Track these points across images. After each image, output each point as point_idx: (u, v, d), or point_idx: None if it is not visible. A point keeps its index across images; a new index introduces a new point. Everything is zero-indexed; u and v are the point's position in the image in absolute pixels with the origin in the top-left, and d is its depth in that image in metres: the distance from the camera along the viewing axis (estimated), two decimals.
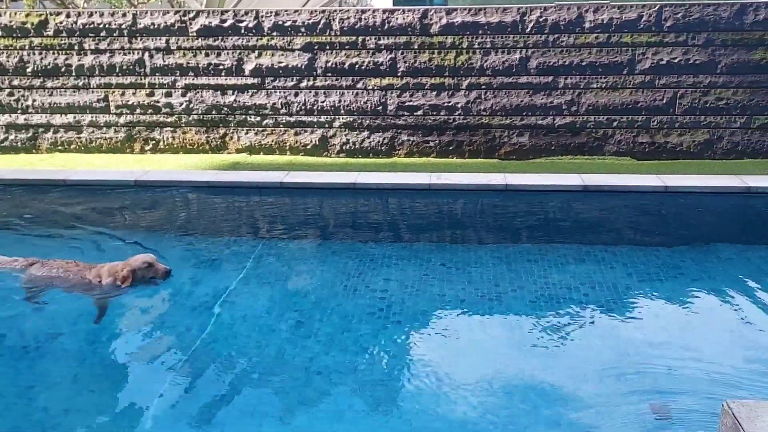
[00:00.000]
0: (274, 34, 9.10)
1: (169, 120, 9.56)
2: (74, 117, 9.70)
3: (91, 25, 9.32)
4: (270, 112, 9.34)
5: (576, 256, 5.96)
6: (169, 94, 9.47)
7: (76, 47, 9.44)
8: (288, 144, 9.41)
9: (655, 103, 8.80)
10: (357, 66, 9.06)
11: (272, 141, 9.43)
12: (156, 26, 9.23)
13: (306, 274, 5.78)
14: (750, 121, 8.73)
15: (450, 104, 9.05)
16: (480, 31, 8.80)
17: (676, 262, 5.81)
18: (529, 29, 8.73)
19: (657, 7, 8.53)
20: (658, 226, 7.13)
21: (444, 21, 8.83)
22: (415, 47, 8.94)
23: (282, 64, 9.17)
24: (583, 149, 9.03)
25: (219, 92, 9.37)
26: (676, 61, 8.63)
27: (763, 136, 8.75)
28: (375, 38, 8.95)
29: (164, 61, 9.34)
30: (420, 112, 9.13)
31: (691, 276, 5.51)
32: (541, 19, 8.68)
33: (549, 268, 5.70)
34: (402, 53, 8.97)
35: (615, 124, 8.92)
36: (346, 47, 9.03)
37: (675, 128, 8.86)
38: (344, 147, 9.34)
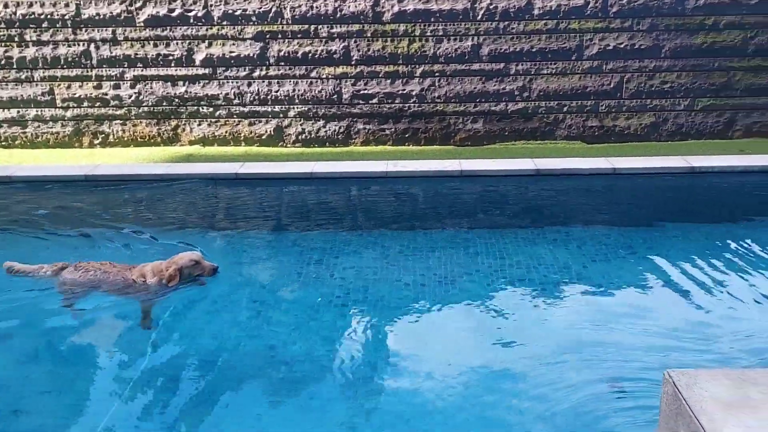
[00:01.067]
0: (225, 23, 8.96)
1: (118, 113, 9.34)
2: (18, 111, 9.39)
3: (32, 16, 9.00)
4: (223, 103, 9.22)
5: (531, 239, 6.10)
6: (117, 86, 9.24)
7: (16, 39, 9.10)
8: (242, 135, 9.31)
9: (603, 88, 9.03)
10: (310, 54, 9.01)
11: (226, 132, 9.32)
12: (101, 16, 8.98)
13: (265, 264, 5.77)
14: (693, 104, 9.04)
15: (405, 92, 9.10)
16: (432, 19, 8.85)
17: (626, 241, 6.01)
18: (480, 16, 8.82)
19: None
20: (608, 207, 7.35)
21: (396, 9, 8.85)
22: (368, 35, 8.94)
23: (233, 54, 9.04)
24: (536, 134, 9.21)
25: (169, 83, 9.19)
26: (622, 46, 8.86)
27: (705, 118, 9.08)
28: (327, 26, 8.91)
29: (111, 53, 9.10)
30: (375, 101, 9.15)
31: (641, 254, 5.70)
32: (491, 6, 8.78)
33: (505, 250, 5.82)
34: (355, 41, 8.96)
35: (565, 109, 9.11)
36: (299, 36, 8.96)
37: (622, 112, 9.11)
38: (300, 136, 9.29)
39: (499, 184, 7.63)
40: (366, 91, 9.11)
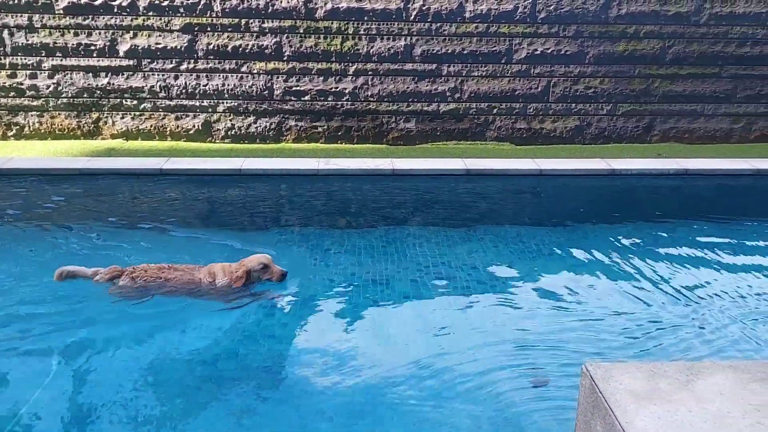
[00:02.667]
0: (151, 13, 8.64)
1: (35, 104, 8.84)
2: None
3: None
4: (148, 96, 8.89)
5: (460, 237, 6.17)
6: (34, 76, 8.75)
7: None
8: (168, 129, 9.01)
9: (531, 91, 9.27)
10: (241, 49, 8.82)
11: (151, 126, 8.99)
12: (16, 1, 8.47)
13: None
14: (615, 109, 9.42)
15: (338, 90, 9.05)
16: (365, 18, 8.84)
17: (551, 240, 6.18)
18: (413, 17, 8.88)
19: (531, 0, 8.97)
20: (535, 206, 7.54)
21: (329, 6, 8.78)
22: (301, 32, 8.83)
23: (160, 46, 8.73)
24: (467, 135, 9.36)
25: (91, 74, 8.78)
26: (549, 51, 9.12)
27: (626, 122, 9.48)
28: (259, 21, 8.74)
29: (27, 40, 8.61)
30: (307, 98, 9.06)
31: (565, 252, 5.87)
32: (424, 8, 8.85)
33: (435, 249, 5.86)
34: (287, 37, 8.84)
35: (495, 111, 9.30)
36: (229, 29, 8.75)
37: (549, 115, 9.38)
38: (229, 132, 9.08)
39: (430, 184, 7.69)
40: (298, 88, 9.00)
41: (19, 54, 8.66)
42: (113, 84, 8.81)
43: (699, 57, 9.21)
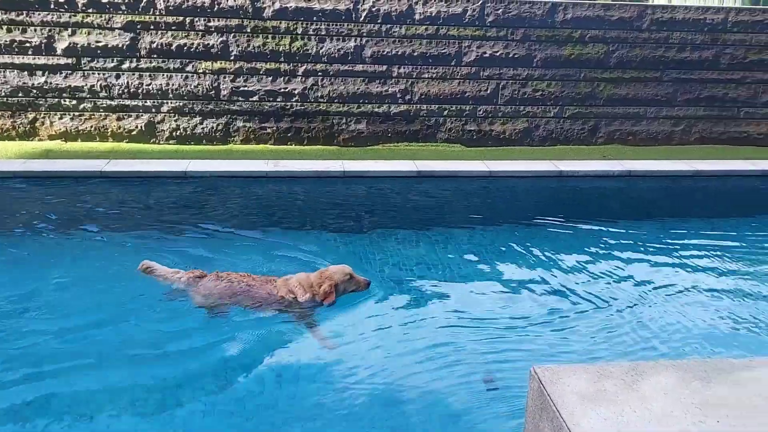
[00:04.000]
0: (90, 10, 8.31)
1: None
2: None
3: None
4: (88, 95, 8.55)
5: (411, 239, 6.14)
6: None
7: None
8: (110, 130, 8.69)
9: (481, 94, 9.34)
10: (186, 48, 8.58)
11: (91, 126, 8.65)
12: None
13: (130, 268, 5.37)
14: (562, 111, 9.59)
15: (287, 90, 8.91)
16: (314, 18, 8.74)
17: (501, 240, 6.21)
18: (362, 18, 8.82)
19: (480, 3, 9.04)
20: (485, 207, 7.59)
21: (277, 6, 8.64)
22: (248, 31, 8.66)
23: (101, 44, 8.42)
24: (418, 136, 9.36)
25: (26, 72, 8.39)
26: (498, 54, 9.21)
27: (573, 125, 9.66)
28: (204, 20, 8.53)
29: None
30: (256, 98, 8.89)
31: (514, 253, 5.91)
32: (373, 9, 8.81)
33: (386, 250, 5.82)
34: (234, 36, 8.65)
35: (446, 112, 9.34)
36: (173, 28, 8.50)
37: (498, 117, 9.48)
38: (174, 133, 8.82)
39: (381, 185, 7.65)
40: (246, 88, 8.82)
41: None
42: (51, 83, 8.44)
43: (641, 61, 9.46)
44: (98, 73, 8.50)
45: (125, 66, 8.52)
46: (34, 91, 8.45)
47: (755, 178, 8.29)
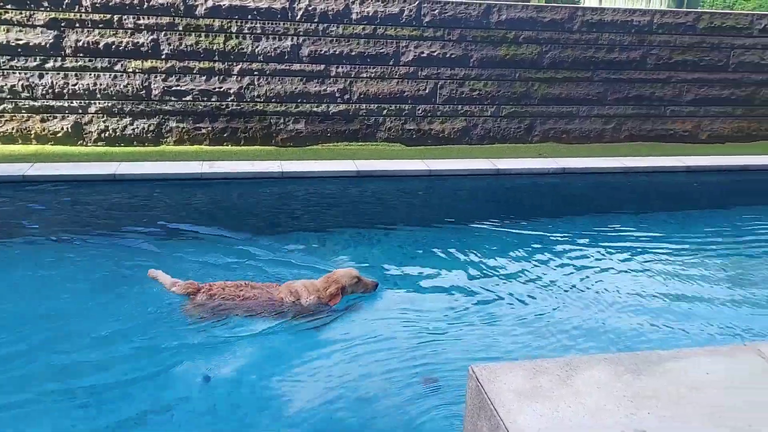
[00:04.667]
0: (9, 6, 7.88)
1: None
2: None
3: None
4: (8, 96, 8.10)
5: (350, 239, 6.09)
6: None
7: None
8: (33, 132, 8.26)
9: (419, 93, 9.39)
10: (114, 46, 8.25)
11: (12, 129, 8.19)
12: None
13: (54, 277, 5.10)
14: (498, 110, 9.74)
15: (222, 90, 8.70)
16: (249, 16, 8.56)
17: (440, 239, 6.24)
18: (299, 17, 8.71)
19: (417, 3, 9.07)
20: (424, 206, 7.62)
21: (210, 3, 8.42)
22: (180, 29, 8.41)
23: (21, 42, 7.99)
24: (357, 136, 9.32)
25: None
26: (435, 54, 9.27)
27: (509, 124, 9.83)
28: (133, 17, 8.22)
29: None
30: (189, 98, 8.64)
31: (452, 252, 5.94)
32: (310, 8, 8.71)
33: (326, 251, 5.75)
34: (165, 35, 8.38)
35: (385, 112, 9.33)
36: (100, 26, 8.16)
37: (437, 116, 9.54)
38: (103, 135, 8.47)
39: (321, 186, 7.56)
40: (179, 88, 8.56)
41: None
42: None
43: (573, 62, 9.72)
44: (19, 73, 8.06)
45: (49, 65, 8.11)
46: None
47: (681, 173, 8.65)
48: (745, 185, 8.73)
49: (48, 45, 8.06)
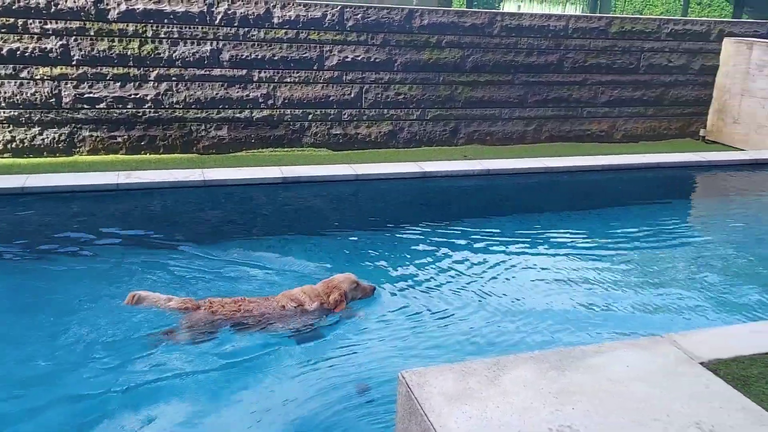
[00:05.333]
0: None
1: None
2: None
3: None
4: None
5: (277, 247, 5.96)
6: None
7: None
8: None
9: (345, 97, 9.34)
10: (19, 52, 7.77)
11: None
12: None
13: None
14: (424, 114, 9.83)
15: (138, 96, 8.35)
16: (165, 20, 8.27)
17: (369, 244, 6.21)
18: (218, 21, 8.48)
19: (339, 8, 9.03)
20: (352, 211, 7.57)
21: (123, 7, 8.07)
22: (92, 34, 8.02)
23: None
24: (282, 141, 9.17)
25: None
26: (359, 58, 9.26)
27: (435, 127, 9.94)
28: (40, 22, 7.77)
29: None
30: (103, 105, 8.25)
31: (380, 256, 5.92)
32: (229, 12, 8.50)
33: (253, 261, 5.60)
34: (76, 40, 7.96)
35: (310, 117, 9.23)
36: (3, 30, 7.67)
37: (363, 120, 9.53)
38: (9, 146, 7.95)
39: (246, 193, 7.38)
40: (92, 95, 8.16)
41: None
42: None
43: (494, 65, 9.94)
44: None
45: None
46: None
47: (597, 172, 8.99)
48: (657, 182, 9.18)
49: None
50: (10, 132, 7.93)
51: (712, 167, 9.53)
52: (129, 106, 8.34)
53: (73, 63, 8.00)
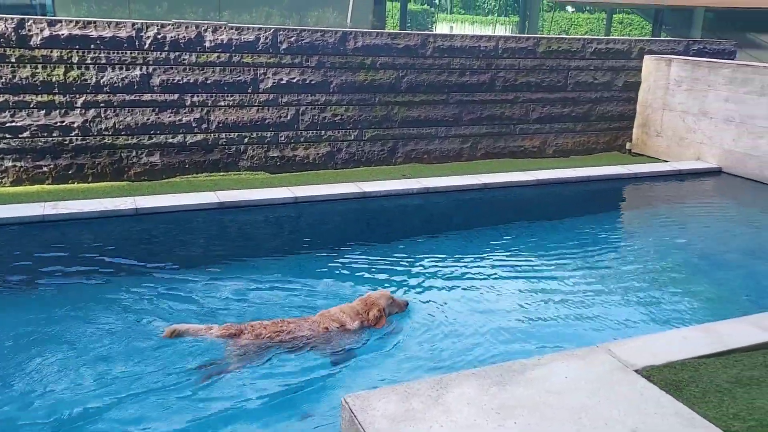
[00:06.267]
0: None
1: None
2: None
3: None
4: None
5: (215, 274, 5.82)
6: None
7: None
8: None
9: (281, 120, 9.28)
10: None
11: None
12: None
13: None
14: (361, 134, 9.87)
15: (64, 124, 8.04)
16: (92, 46, 8.02)
17: (307, 267, 6.14)
18: (147, 46, 8.30)
19: (272, 31, 9.00)
20: (291, 235, 7.49)
21: (47, 33, 7.79)
22: (13, 61, 7.69)
23: None
24: (218, 166, 9.01)
25: None
26: (295, 80, 9.23)
27: (373, 147, 9.99)
28: None
29: None
30: (27, 134, 7.89)
31: (319, 279, 5.86)
32: (159, 36, 8.34)
33: (192, 288, 5.44)
34: None
35: (246, 140, 9.11)
36: None
37: (301, 142, 9.48)
38: None
39: (180, 221, 7.18)
40: (14, 124, 7.80)
41: None
42: None
43: (429, 86, 10.11)
44: None
45: None
46: None
47: (532, 186, 9.24)
48: (588, 194, 9.51)
49: None
50: None
51: (638, 179, 9.96)
52: (55, 134, 8.02)
53: None
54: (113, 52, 8.14)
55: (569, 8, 32.62)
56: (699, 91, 10.73)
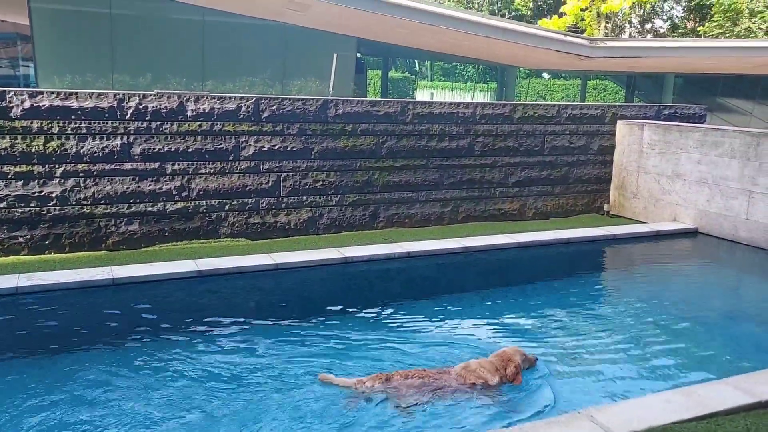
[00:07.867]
0: None
1: None
2: None
3: None
4: None
5: (193, 348, 5.68)
6: None
7: None
8: None
9: (262, 186, 9.33)
10: None
11: None
12: None
13: None
14: (343, 199, 9.93)
15: (42, 194, 8.01)
16: (73, 116, 8.10)
17: (295, 336, 6.03)
18: (129, 115, 8.40)
19: (254, 99, 9.17)
20: (274, 302, 7.38)
21: (28, 104, 7.87)
22: None
23: None
24: (198, 233, 8.96)
25: None
26: (276, 148, 9.35)
27: (354, 212, 10.03)
28: None
29: None
30: (4, 204, 7.84)
31: (298, 349, 5.75)
32: (141, 106, 8.45)
33: (161, 360, 5.30)
34: None
35: (227, 207, 9.12)
36: None
37: (282, 209, 9.50)
38: None
39: (158, 291, 7.07)
40: None
41: None
42: None
43: (409, 151, 10.28)
44: None
45: None
46: None
47: (512, 249, 9.27)
48: (568, 256, 9.55)
49: None
50: None
51: (617, 240, 10.05)
52: (32, 204, 7.97)
53: None
54: (94, 122, 8.22)
55: (545, 74, 33.75)
56: (672, 154, 11.01)
